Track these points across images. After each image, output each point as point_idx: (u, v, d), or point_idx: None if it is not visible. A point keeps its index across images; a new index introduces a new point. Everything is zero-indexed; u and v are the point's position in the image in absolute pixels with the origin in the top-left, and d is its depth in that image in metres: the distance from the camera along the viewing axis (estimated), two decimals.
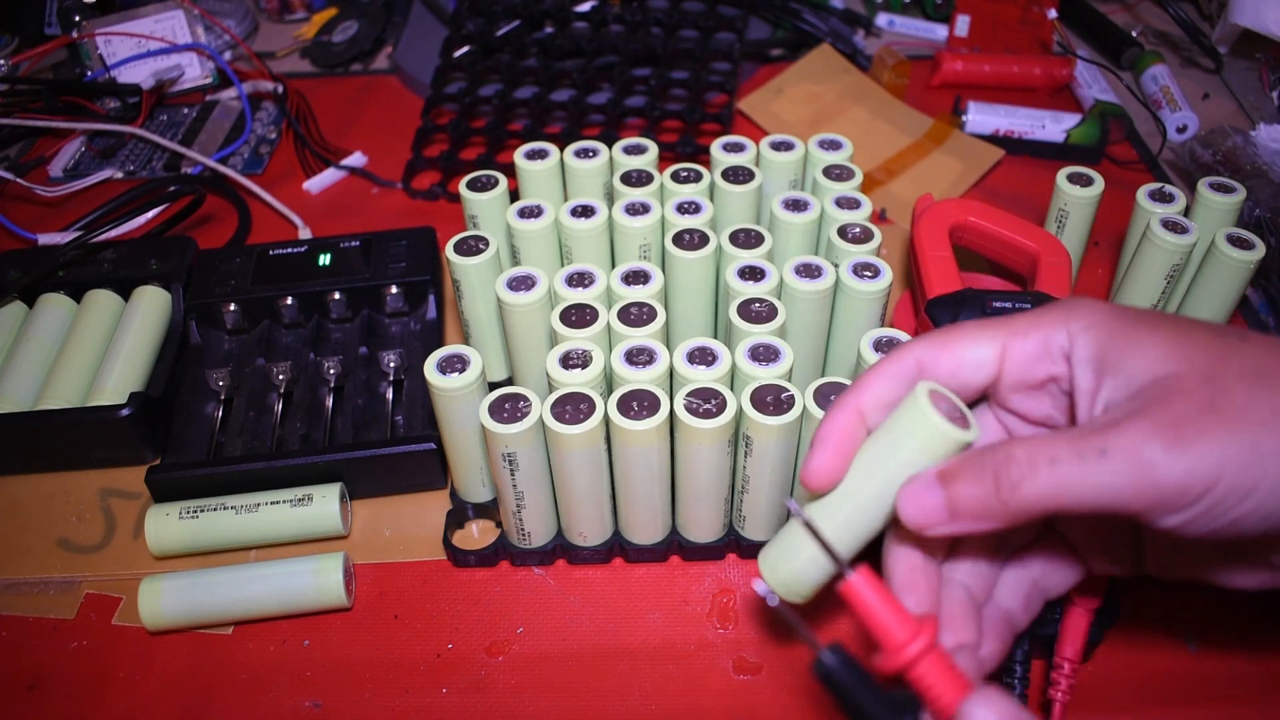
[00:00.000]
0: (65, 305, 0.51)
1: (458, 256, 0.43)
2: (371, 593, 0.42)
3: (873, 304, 0.41)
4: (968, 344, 0.28)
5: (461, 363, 0.38)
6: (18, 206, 0.63)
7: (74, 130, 0.66)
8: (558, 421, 0.35)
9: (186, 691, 0.39)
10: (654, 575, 0.42)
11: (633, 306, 0.40)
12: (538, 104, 0.64)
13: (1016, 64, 0.71)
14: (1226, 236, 0.44)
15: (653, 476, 0.38)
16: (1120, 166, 0.64)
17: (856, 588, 0.25)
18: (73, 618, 0.41)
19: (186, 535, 0.42)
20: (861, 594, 0.25)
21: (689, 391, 0.36)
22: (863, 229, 0.43)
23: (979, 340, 0.28)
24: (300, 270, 0.51)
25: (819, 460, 0.28)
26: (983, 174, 0.63)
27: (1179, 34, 0.75)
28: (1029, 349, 0.28)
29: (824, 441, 0.29)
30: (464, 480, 0.43)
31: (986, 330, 0.28)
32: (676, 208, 0.44)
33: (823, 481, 0.29)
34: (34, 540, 0.44)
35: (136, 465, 0.46)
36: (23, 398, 0.46)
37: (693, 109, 0.63)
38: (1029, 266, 0.47)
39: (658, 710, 0.37)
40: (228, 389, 0.47)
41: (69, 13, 0.71)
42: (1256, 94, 0.70)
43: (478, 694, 0.38)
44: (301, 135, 0.66)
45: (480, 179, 0.47)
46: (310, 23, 0.79)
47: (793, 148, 0.48)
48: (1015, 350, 0.28)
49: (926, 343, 0.29)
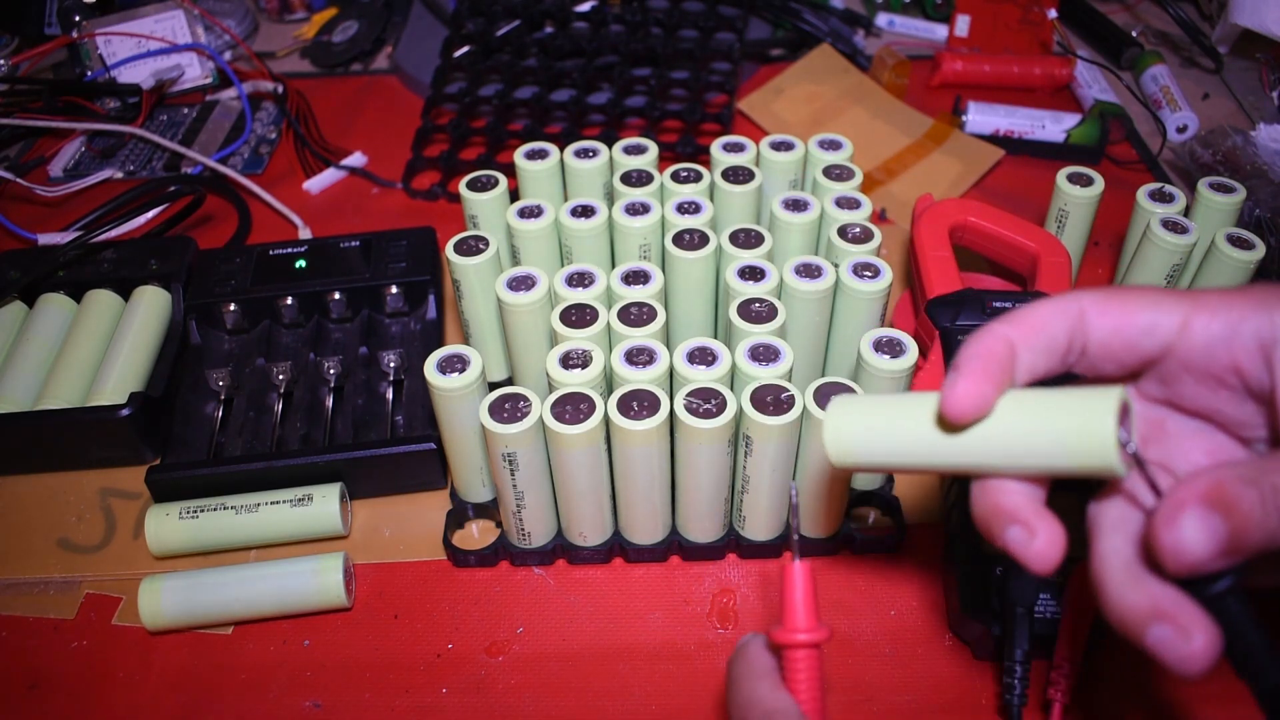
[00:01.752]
0: (65, 305, 0.51)
1: (458, 256, 0.43)
2: (371, 593, 0.42)
3: (873, 304, 0.41)
4: (1145, 306, 0.25)
5: (461, 363, 0.38)
6: (18, 206, 0.63)
7: (74, 130, 0.66)
8: (558, 421, 0.35)
9: (186, 691, 0.39)
10: (654, 575, 0.42)
11: (633, 306, 0.40)
12: (538, 104, 0.64)
13: (1016, 64, 0.71)
14: (1226, 236, 0.44)
15: (653, 476, 0.38)
16: (1120, 166, 0.64)
17: (797, 574, 0.28)
18: (73, 618, 0.41)
19: (186, 535, 0.42)
20: (799, 581, 0.28)
21: (689, 391, 0.36)
22: (863, 229, 0.43)
23: (1160, 305, 0.25)
24: (300, 270, 0.51)
25: (968, 388, 0.24)
26: (983, 174, 0.63)
27: (1179, 34, 0.75)
28: (1215, 329, 0.24)
29: (972, 366, 0.25)
30: (464, 480, 0.43)
31: (1169, 298, 0.25)
32: (676, 208, 0.44)
33: (968, 410, 0.24)
34: (34, 540, 0.44)
35: (136, 465, 0.46)
36: (23, 398, 0.46)
37: (693, 109, 0.63)
38: (1029, 266, 0.47)
39: (658, 710, 0.37)
40: (228, 389, 0.47)
41: (69, 13, 0.71)
42: (1256, 94, 0.70)
43: (478, 694, 0.38)
44: (301, 135, 0.66)
45: (480, 179, 0.47)
46: (310, 23, 0.79)
47: (793, 148, 0.48)
48: (1198, 327, 0.25)
49: (1099, 294, 0.25)
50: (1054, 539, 0.24)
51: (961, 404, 0.24)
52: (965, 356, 0.25)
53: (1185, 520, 0.22)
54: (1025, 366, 0.25)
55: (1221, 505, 0.22)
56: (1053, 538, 0.24)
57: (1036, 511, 0.25)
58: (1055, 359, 0.26)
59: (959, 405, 0.24)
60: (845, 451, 0.27)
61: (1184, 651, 0.22)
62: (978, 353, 0.25)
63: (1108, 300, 0.25)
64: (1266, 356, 0.24)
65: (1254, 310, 0.24)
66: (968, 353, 0.25)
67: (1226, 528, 0.22)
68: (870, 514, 0.44)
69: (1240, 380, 0.25)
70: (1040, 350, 0.25)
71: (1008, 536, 0.25)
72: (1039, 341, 0.25)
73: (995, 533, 0.25)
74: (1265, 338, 0.24)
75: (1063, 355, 0.26)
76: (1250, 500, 0.22)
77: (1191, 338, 0.25)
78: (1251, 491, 0.22)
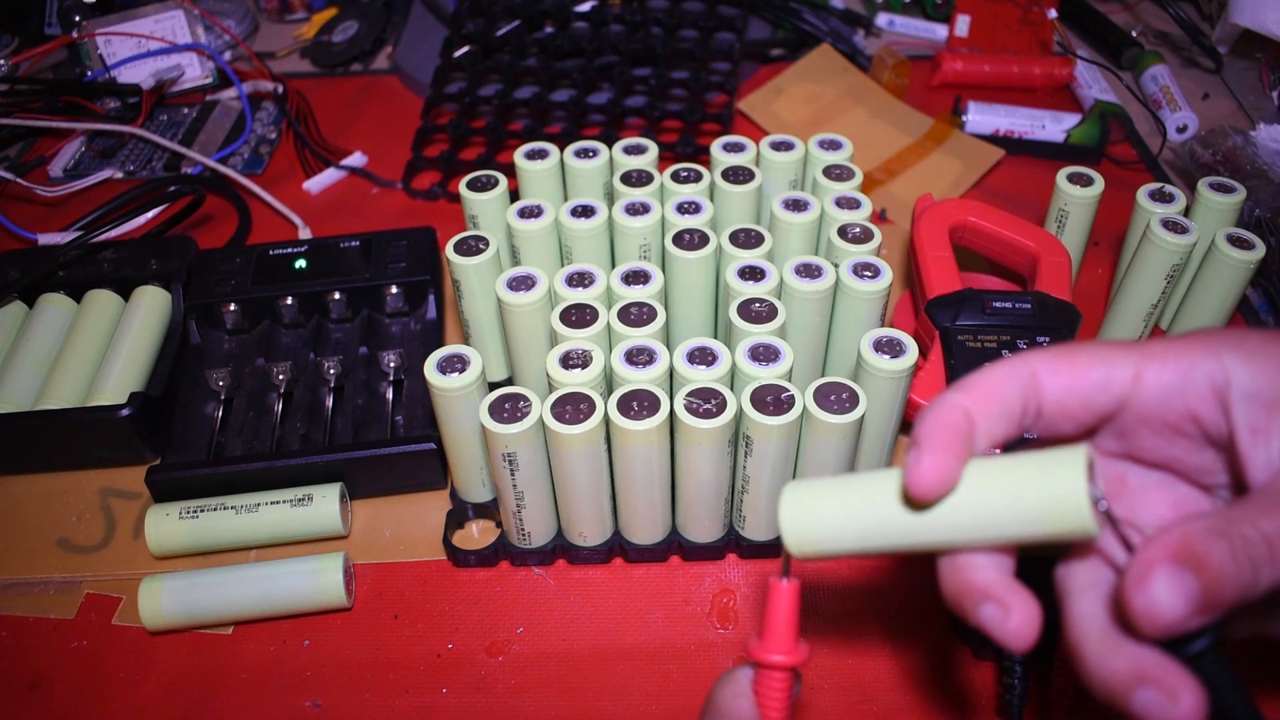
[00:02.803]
0: (65, 305, 0.51)
1: (458, 256, 0.43)
2: (371, 593, 0.42)
3: (873, 304, 0.41)
4: (1096, 362, 0.25)
5: (461, 363, 0.38)
6: (18, 206, 0.63)
7: (74, 130, 0.66)
8: (558, 421, 0.35)
9: (186, 691, 0.39)
10: (654, 575, 0.42)
11: (633, 306, 0.40)
12: (538, 104, 0.64)
13: (1016, 64, 0.71)
14: (1226, 236, 0.44)
15: (653, 476, 0.38)
16: (1120, 166, 0.64)
17: (783, 593, 0.27)
18: (73, 618, 0.41)
19: (186, 535, 0.42)
20: (784, 600, 0.27)
21: (689, 391, 0.36)
22: (863, 229, 0.43)
23: (1108, 360, 0.25)
24: (300, 270, 0.51)
25: (932, 463, 0.23)
26: (983, 174, 0.63)
27: (1179, 34, 0.75)
28: (1167, 379, 0.24)
29: (933, 442, 0.24)
30: (464, 480, 0.43)
31: (1117, 351, 0.25)
32: (676, 208, 0.44)
33: (934, 487, 0.24)
34: (34, 540, 0.44)
35: (136, 465, 0.46)
36: (23, 398, 0.46)
37: (693, 109, 0.63)
38: (1029, 266, 0.47)
39: (658, 710, 0.37)
40: (228, 389, 0.47)
41: (69, 13, 0.71)
42: (1256, 94, 0.70)
43: (478, 694, 0.38)
44: (301, 135, 0.66)
45: (480, 179, 0.47)
46: (310, 23, 0.79)
47: (793, 148, 0.48)
48: (1150, 378, 0.24)
49: (1047, 354, 0.25)
50: (1029, 616, 0.24)
51: (927, 480, 0.23)
52: (924, 431, 0.24)
53: (1156, 580, 0.21)
54: (984, 434, 0.25)
55: (1192, 562, 0.21)
56: (1028, 614, 0.24)
57: (1008, 586, 0.24)
58: (1012, 424, 0.25)
59: (925, 482, 0.23)
60: (805, 542, 0.26)
61: (1172, 715, 0.22)
62: (936, 426, 0.24)
63: (1057, 360, 0.25)
64: (1221, 401, 0.24)
65: (1203, 356, 0.24)
66: (925, 427, 0.24)
67: (1198, 584, 0.21)
68: None
69: (1197, 427, 0.25)
70: (997, 417, 0.25)
71: (981, 615, 0.24)
72: (994, 408, 0.25)
73: (967, 611, 0.24)
74: (1218, 382, 0.24)
75: (1019, 419, 0.25)
76: (1220, 553, 0.21)
77: (1145, 389, 0.25)
78: (1221, 544, 0.21)
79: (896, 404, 0.39)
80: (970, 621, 0.24)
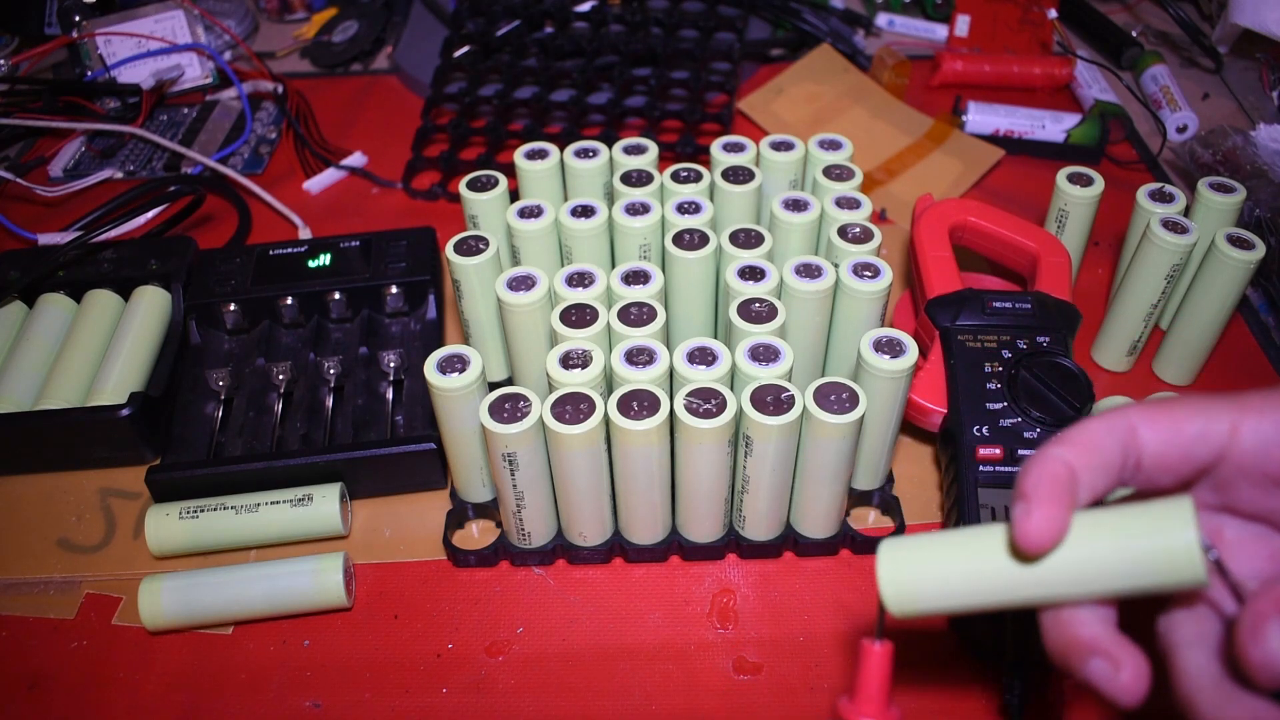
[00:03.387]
0: (65, 305, 0.51)
1: (458, 256, 0.43)
2: (371, 593, 0.42)
3: (873, 304, 0.41)
4: (1193, 415, 0.25)
5: (461, 363, 0.38)
6: (18, 206, 0.63)
7: (74, 130, 0.66)
8: (558, 421, 0.35)
9: (186, 691, 0.39)
10: (654, 575, 0.42)
11: (633, 306, 0.40)
12: (538, 104, 0.64)
13: (1016, 64, 0.71)
14: (1226, 236, 0.44)
15: (653, 476, 0.38)
16: (1120, 166, 0.64)
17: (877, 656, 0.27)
18: (73, 618, 0.41)
19: (186, 535, 0.42)
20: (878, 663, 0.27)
21: (689, 391, 0.36)
22: (863, 229, 0.43)
23: (1206, 412, 0.25)
24: (300, 270, 0.51)
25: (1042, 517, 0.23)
26: (983, 174, 0.63)
27: (1179, 34, 0.75)
28: (1265, 430, 0.24)
29: (1041, 496, 0.24)
30: (464, 480, 0.43)
31: (1216, 403, 0.25)
32: (676, 208, 0.44)
33: (1046, 540, 0.24)
34: (34, 540, 0.44)
35: (136, 465, 0.46)
36: (23, 398, 0.46)
37: (693, 109, 0.63)
38: (1029, 266, 0.47)
39: (658, 710, 0.37)
40: (228, 389, 0.47)
41: (69, 13, 0.71)
42: (1256, 94, 0.70)
43: (478, 694, 0.38)
44: (301, 135, 0.66)
45: (480, 179, 0.47)
46: (310, 23, 0.79)
47: (793, 148, 0.48)
48: (1248, 430, 0.24)
49: (1145, 408, 0.25)
50: (1140, 669, 0.24)
51: (1038, 534, 0.23)
52: (1030, 484, 0.24)
53: (1271, 632, 0.21)
54: (1085, 487, 0.25)
55: None
56: (1138, 668, 0.24)
57: (1115, 639, 0.24)
58: (1112, 477, 0.25)
59: (1037, 536, 0.23)
60: (906, 600, 0.26)
61: None
62: (1042, 479, 0.24)
63: (1156, 413, 0.25)
64: None
65: None
66: (1031, 480, 0.24)
67: None
68: (870, 514, 0.44)
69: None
70: (1098, 469, 0.25)
71: (1090, 670, 0.24)
72: (1095, 460, 0.25)
73: (1074, 666, 0.24)
74: None
75: (1118, 472, 0.25)
76: None
77: (1242, 441, 0.25)
78: None
79: (896, 404, 0.39)
80: (1077, 676, 0.24)
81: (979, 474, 0.39)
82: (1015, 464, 0.39)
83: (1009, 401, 0.40)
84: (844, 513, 0.42)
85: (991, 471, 0.39)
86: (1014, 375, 0.41)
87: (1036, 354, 0.41)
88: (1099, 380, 0.50)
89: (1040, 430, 0.39)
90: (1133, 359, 0.49)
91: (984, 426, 0.40)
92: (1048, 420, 0.39)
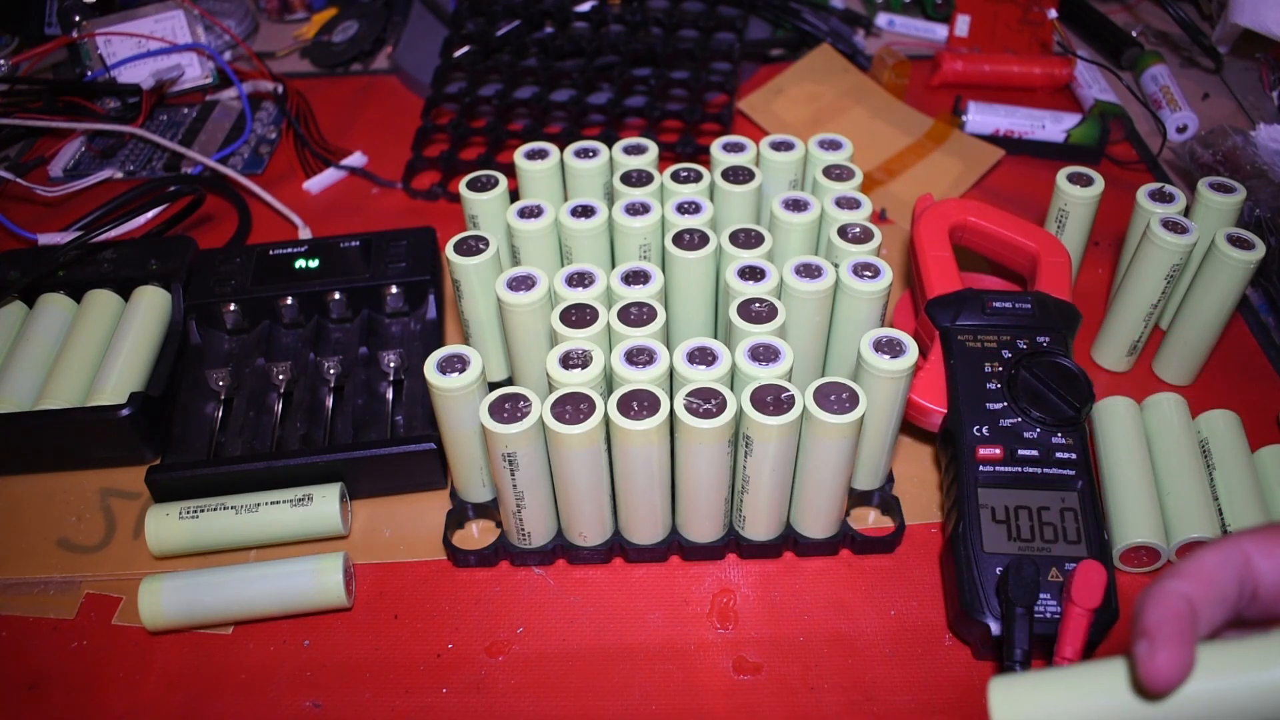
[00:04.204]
0: (65, 305, 0.51)
1: (458, 256, 0.43)
2: (371, 593, 0.42)
3: (873, 304, 0.41)
4: None
5: (461, 363, 0.38)
6: (18, 206, 0.63)
7: (74, 130, 0.66)
8: (558, 421, 0.35)
9: (186, 691, 0.39)
10: (654, 575, 0.42)
11: (633, 306, 0.40)
12: (538, 104, 0.64)
13: (1016, 64, 0.71)
14: (1226, 236, 0.44)
15: (653, 476, 0.38)
16: (1120, 166, 0.64)
17: None
18: (73, 618, 0.41)
19: (186, 535, 0.42)
20: None
21: (689, 391, 0.36)
22: (863, 229, 0.43)
23: None
24: (300, 270, 0.51)
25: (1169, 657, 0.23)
26: (983, 174, 0.63)
27: (1179, 34, 0.75)
28: None
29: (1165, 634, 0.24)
30: (464, 480, 0.43)
31: None
32: (676, 208, 0.44)
33: (1174, 680, 0.23)
34: (34, 540, 0.44)
35: (136, 465, 0.46)
36: (23, 398, 0.46)
37: (693, 109, 0.63)
38: (1029, 266, 0.47)
39: (658, 710, 0.37)
40: (228, 389, 0.47)
41: (69, 13, 0.71)
42: (1256, 94, 0.70)
43: (478, 694, 0.38)
44: (301, 135, 0.66)
45: (480, 179, 0.47)
46: (310, 23, 0.79)
47: (793, 148, 0.48)
48: None
49: (1259, 536, 0.25)
50: None
51: (1166, 674, 0.23)
52: (1153, 622, 0.24)
53: None
54: (1204, 620, 0.25)
55: None
56: None
57: None
58: (1229, 609, 0.25)
59: (1165, 676, 0.23)
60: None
61: None
62: (1166, 617, 0.24)
63: (1270, 540, 0.25)
64: None
65: None
66: (1154, 618, 0.24)
67: None
68: (870, 514, 0.44)
69: None
70: (1215, 602, 0.25)
71: None
72: (1213, 594, 0.25)
73: None
74: None
75: (1235, 604, 0.25)
76: None
77: None
78: None
79: (896, 404, 0.39)
80: None
81: (979, 474, 0.39)
82: (1015, 464, 0.39)
83: (1009, 401, 0.40)
84: (844, 513, 0.42)
85: (991, 471, 0.39)
86: (1014, 375, 0.41)
87: (1036, 354, 0.41)
88: (1099, 380, 0.50)
89: (1040, 430, 0.39)
90: (1133, 359, 0.49)
91: (984, 426, 0.40)
92: (1048, 420, 0.39)
